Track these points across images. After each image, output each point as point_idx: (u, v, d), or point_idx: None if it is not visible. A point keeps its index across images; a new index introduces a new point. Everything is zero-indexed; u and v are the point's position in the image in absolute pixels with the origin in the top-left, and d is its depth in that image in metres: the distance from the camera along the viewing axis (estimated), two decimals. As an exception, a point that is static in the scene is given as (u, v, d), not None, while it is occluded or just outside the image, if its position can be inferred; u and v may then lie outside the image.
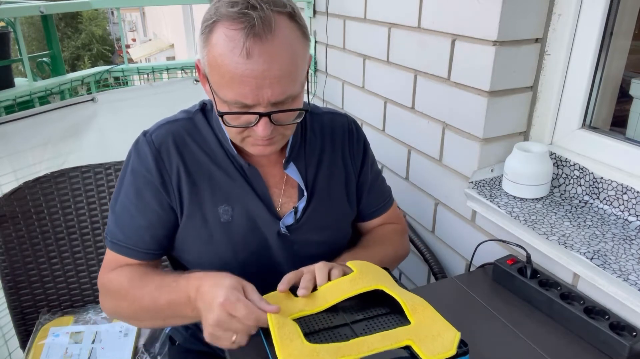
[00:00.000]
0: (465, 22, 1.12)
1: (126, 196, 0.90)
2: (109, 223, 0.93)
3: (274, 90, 0.76)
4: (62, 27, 12.21)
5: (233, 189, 0.91)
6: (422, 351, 0.67)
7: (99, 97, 1.93)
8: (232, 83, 0.75)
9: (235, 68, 0.73)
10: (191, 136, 0.91)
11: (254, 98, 0.76)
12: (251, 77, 0.74)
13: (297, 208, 0.95)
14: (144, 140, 0.90)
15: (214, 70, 0.77)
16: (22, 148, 1.73)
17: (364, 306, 0.80)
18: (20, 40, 1.94)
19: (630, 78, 1.14)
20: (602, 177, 1.03)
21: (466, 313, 0.93)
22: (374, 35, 1.49)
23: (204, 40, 0.77)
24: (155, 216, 0.89)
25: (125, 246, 0.90)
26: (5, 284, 1.26)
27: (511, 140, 1.17)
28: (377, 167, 1.11)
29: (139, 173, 0.89)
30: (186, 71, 2.24)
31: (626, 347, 0.79)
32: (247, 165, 0.91)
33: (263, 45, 0.73)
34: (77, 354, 1.21)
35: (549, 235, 0.97)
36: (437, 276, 1.30)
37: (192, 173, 0.89)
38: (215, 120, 0.92)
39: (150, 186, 0.88)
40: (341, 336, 0.72)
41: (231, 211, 0.91)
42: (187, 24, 9.31)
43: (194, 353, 1.07)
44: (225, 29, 0.74)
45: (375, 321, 0.76)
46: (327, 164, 0.99)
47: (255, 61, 0.73)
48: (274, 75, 0.75)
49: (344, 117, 1.06)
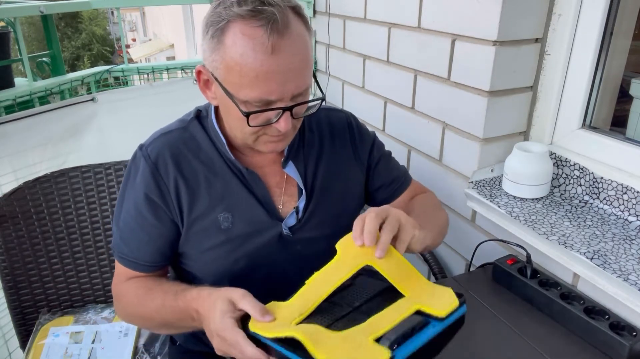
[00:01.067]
0: (465, 22, 1.12)
1: (127, 212, 0.91)
2: (114, 237, 0.94)
3: (297, 83, 0.77)
4: (62, 27, 12.22)
5: (232, 195, 0.91)
6: (434, 310, 0.69)
7: (99, 97, 1.94)
8: (256, 81, 0.75)
9: (261, 66, 0.74)
10: (187, 145, 0.91)
11: (280, 93, 0.76)
12: (277, 73, 0.75)
13: (298, 208, 0.95)
14: (140, 155, 0.90)
15: (231, 72, 0.76)
16: (22, 148, 1.73)
17: (354, 293, 0.79)
18: (20, 40, 1.94)
19: (630, 78, 1.14)
20: (602, 177, 1.03)
21: (466, 313, 0.93)
22: (374, 35, 1.49)
23: (215, 43, 0.76)
24: (156, 231, 0.90)
25: (131, 260, 0.91)
26: (5, 284, 1.26)
27: (511, 140, 1.17)
28: (385, 150, 1.11)
29: (138, 188, 0.89)
30: (186, 71, 2.24)
31: (626, 347, 0.79)
32: (246, 169, 0.91)
33: (284, 40, 0.74)
34: (77, 354, 1.21)
35: (549, 235, 0.97)
36: (437, 276, 1.30)
37: (190, 183, 0.89)
38: (211, 127, 0.92)
39: (149, 201, 0.88)
40: (356, 320, 0.71)
41: (231, 217, 0.90)
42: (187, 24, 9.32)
43: (194, 353, 1.07)
44: (242, 28, 0.73)
45: (373, 301, 0.76)
46: (327, 161, 0.99)
47: (280, 56, 0.74)
48: (297, 68, 0.77)
49: (341, 112, 1.06)
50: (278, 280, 0.84)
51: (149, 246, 0.91)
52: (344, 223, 1.03)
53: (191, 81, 2.09)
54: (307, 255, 0.94)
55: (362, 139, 1.05)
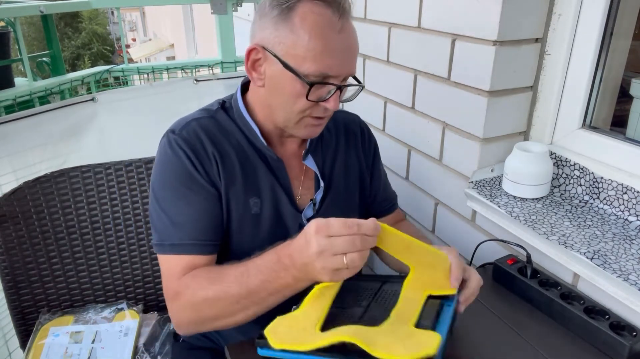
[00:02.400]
0: (465, 22, 1.12)
1: (173, 194, 0.88)
2: (160, 228, 0.89)
3: (352, 64, 0.86)
4: (62, 27, 12.21)
5: (262, 182, 0.93)
6: (444, 290, 0.72)
7: (99, 96, 1.93)
8: (322, 55, 0.81)
9: (330, 41, 0.81)
10: (219, 130, 0.93)
11: (339, 70, 0.83)
12: (340, 51, 0.83)
13: (315, 200, 0.98)
14: (175, 138, 0.89)
15: (297, 45, 0.80)
16: (22, 148, 1.73)
17: (352, 296, 0.78)
18: (20, 40, 1.94)
19: (630, 78, 1.14)
20: (602, 177, 1.03)
21: (466, 313, 0.93)
22: (374, 35, 1.49)
23: (282, 19, 0.81)
24: (206, 205, 0.89)
25: (190, 243, 0.87)
26: (5, 284, 1.26)
27: (511, 140, 1.17)
28: (384, 168, 1.17)
29: (181, 167, 0.88)
30: (186, 71, 2.24)
31: (626, 347, 0.79)
32: (276, 157, 0.94)
33: (348, 23, 0.84)
34: (77, 354, 1.21)
35: (549, 234, 0.97)
36: (437, 276, 1.30)
37: (227, 164, 0.91)
38: (239, 116, 0.94)
39: (195, 177, 0.88)
40: (379, 317, 0.70)
41: (260, 203, 0.93)
42: (187, 24, 9.31)
43: (197, 349, 1.07)
44: (312, 7, 0.81)
45: (379, 298, 0.77)
46: (342, 158, 1.04)
47: (345, 37, 0.83)
48: (354, 50, 0.87)
49: (356, 116, 1.13)
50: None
51: (205, 223, 0.89)
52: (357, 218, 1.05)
53: (191, 81, 2.09)
54: None
55: (370, 146, 1.10)
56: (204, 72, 2.29)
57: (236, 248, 0.93)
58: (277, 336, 0.68)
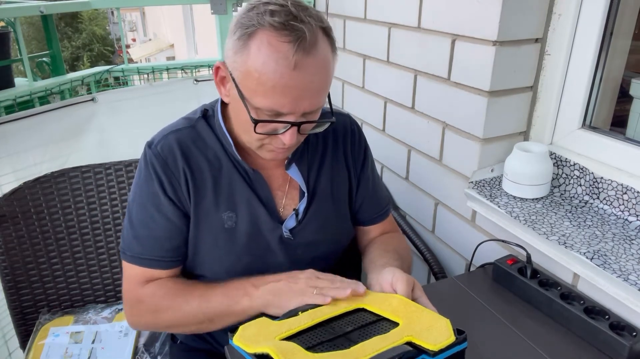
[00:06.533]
0: (465, 22, 1.12)
1: (140, 209, 0.91)
2: (125, 237, 0.93)
3: (311, 102, 0.79)
4: (62, 27, 12.22)
5: (236, 195, 0.91)
6: (425, 343, 0.68)
7: (99, 97, 1.93)
8: (272, 92, 0.76)
9: (281, 78, 0.74)
10: (195, 144, 0.91)
11: (292, 108, 0.78)
12: (293, 88, 0.76)
13: (298, 210, 0.95)
14: (150, 153, 0.90)
15: (250, 77, 0.76)
16: (22, 148, 1.73)
17: (348, 319, 0.79)
18: (20, 40, 1.94)
19: (630, 78, 1.14)
20: (602, 177, 1.03)
21: (466, 313, 0.93)
22: (374, 35, 1.49)
23: (241, 45, 0.77)
24: (171, 226, 0.90)
25: (148, 258, 0.91)
26: (5, 284, 1.26)
27: (511, 140, 1.17)
28: (376, 172, 1.11)
29: (151, 185, 0.89)
30: (186, 71, 2.24)
31: (626, 347, 0.79)
32: (252, 170, 0.92)
33: (309, 59, 0.75)
34: (77, 354, 1.21)
35: (549, 235, 0.97)
36: (437, 276, 1.30)
37: (197, 180, 0.90)
38: (218, 126, 0.92)
39: (163, 197, 0.89)
40: (340, 346, 0.71)
41: (235, 217, 0.91)
42: (187, 24, 9.32)
43: (195, 351, 1.07)
44: (269, 38, 0.74)
45: (366, 329, 0.76)
46: (329, 164, 1.00)
47: (301, 73, 0.75)
48: (314, 88, 0.78)
49: (346, 116, 1.05)
50: None
51: (166, 242, 0.90)
52: (343, 228, 1.04)
53: (191, 81, 2.09)
54: (307, 258, 0.94)
55: (360, 148, 1.04)
56: (204, 72, 2.29)
57: (213, 261, 0.93)
58: (244, 333, 0.73)
